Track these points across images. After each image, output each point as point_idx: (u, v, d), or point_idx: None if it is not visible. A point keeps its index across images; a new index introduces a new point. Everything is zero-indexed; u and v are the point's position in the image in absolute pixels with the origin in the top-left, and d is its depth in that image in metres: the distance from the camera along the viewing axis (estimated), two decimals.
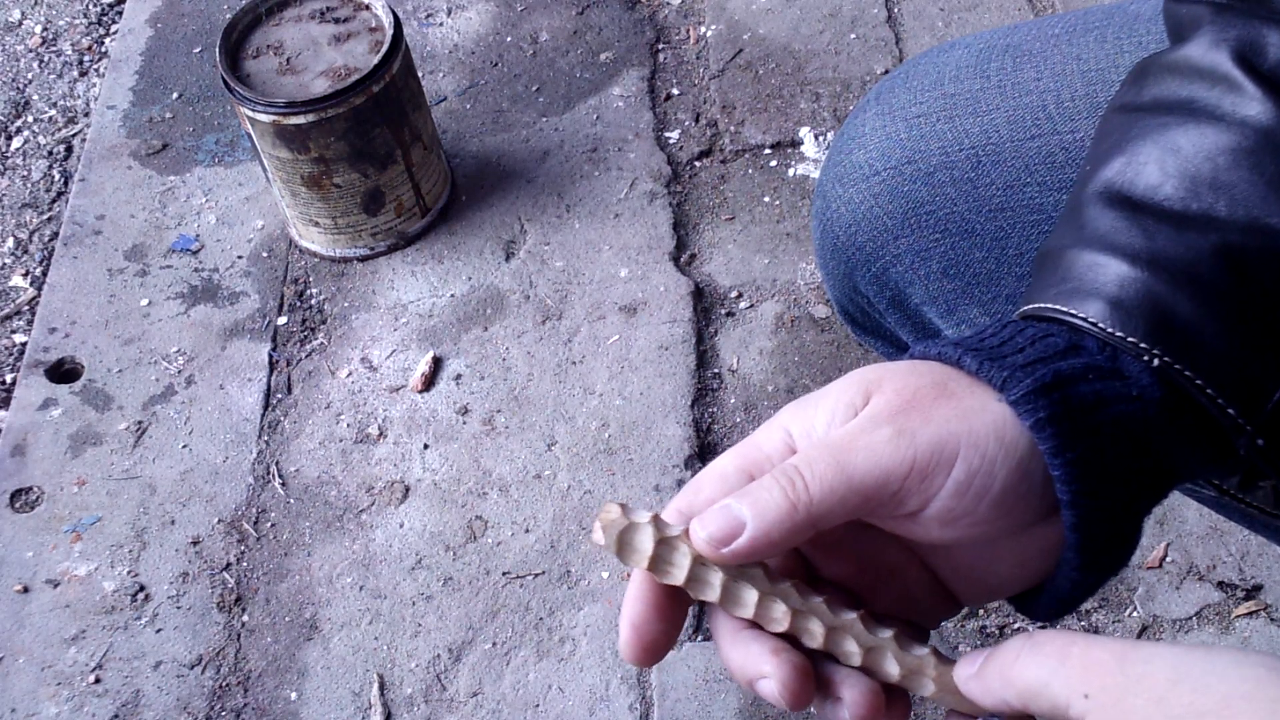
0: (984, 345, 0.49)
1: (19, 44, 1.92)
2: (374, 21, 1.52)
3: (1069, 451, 0.45)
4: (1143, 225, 0.50)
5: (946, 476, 0.46)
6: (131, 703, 1.25)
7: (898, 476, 0.45)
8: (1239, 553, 1.26)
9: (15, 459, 1.43)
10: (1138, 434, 0.47)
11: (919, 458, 0.45)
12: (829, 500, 0.45)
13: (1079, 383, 0.47)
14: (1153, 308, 0.48)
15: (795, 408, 0.49)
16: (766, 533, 0.46)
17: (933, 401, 0.47)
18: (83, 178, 1.70)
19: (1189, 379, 0.48)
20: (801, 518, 0.45)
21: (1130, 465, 0.47)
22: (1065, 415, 0.46)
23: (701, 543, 0.47)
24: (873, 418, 0.46)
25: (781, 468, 0.46)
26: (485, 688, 1.24)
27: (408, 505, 1.36)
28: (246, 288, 1.57)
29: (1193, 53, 0.54)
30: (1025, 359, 0.48)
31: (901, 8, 1.77)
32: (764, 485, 0.46)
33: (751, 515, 0.46)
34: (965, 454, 0.46)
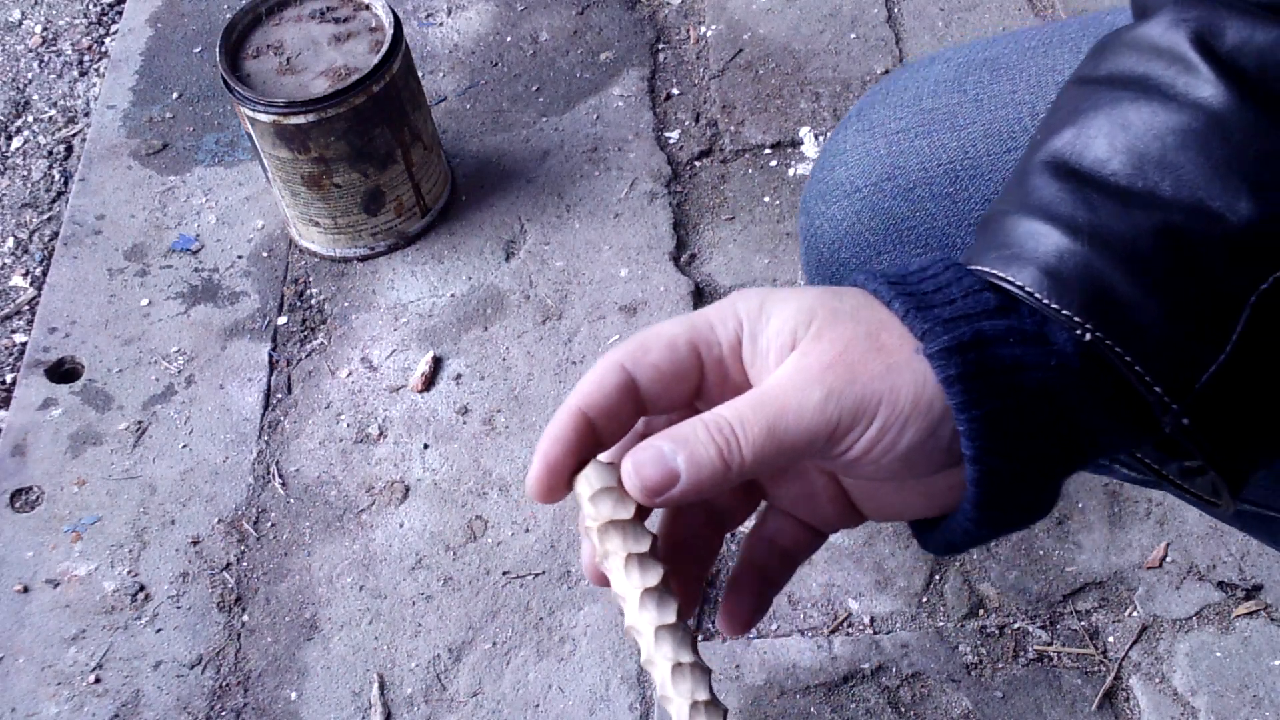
0: (919, 289, 0.50)
1: (19, 44, 1.92)
2: (374, 21, 1.52)
3: (975, 409, 0.47)
4: (1087, 198, 0.51)
5: (862, 433, 0.48)
6: (131, 703, 1.26)
7: (821, 437, 0.48)
8: (1239, 553, 1.26)
9: (15, 459, 1.43)
10: (1053, 401, 0.49)
11: (842, 420, 0.48)
12: (759, 460, 0.48)
13: (998, 344, 0.48)
14: (1089, 281, 0.49)
15: (754, 299, 0.51)
16: (698, 487, 0.48)
17: (862, 356, 0.48)
18: (83, 178, 1.70)
19: (1118, 355, 0.49)
20: (733, 474, 0.48)
21: (1042, 430, 0.49)
22: (977, 374, 0.47)
23: (634, 489, 0.49)
24: (806, 372, 0.48)
25: (717, 420, 0.48)
26: (485, 687, 1.24)
27: (408, 505, 1.36)
28: (246, 288, 1.57)
29: (1152, 31, 0.54)
30: (951, 313, 0.49)
31: (901, 8, 1.77)
32: (700, 438, 0.48)
33: (686, 469, 0.48)
34: (882, 413, 0.48)
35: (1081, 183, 0.52)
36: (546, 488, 0.52)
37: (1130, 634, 1.22)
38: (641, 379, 0.51)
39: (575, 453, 0.51)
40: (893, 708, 1.19)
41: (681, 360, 0.51)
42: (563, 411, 0.51)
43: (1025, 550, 1.28)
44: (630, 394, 0.51)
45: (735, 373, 0.51)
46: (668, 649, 0.50)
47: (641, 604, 0.50)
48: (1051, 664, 1.21)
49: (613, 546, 0.51)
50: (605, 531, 0.51)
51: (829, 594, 1.27)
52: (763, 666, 1.23)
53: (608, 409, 0.51)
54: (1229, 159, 0.50)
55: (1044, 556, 1.27)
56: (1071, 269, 0.49)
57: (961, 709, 1.19)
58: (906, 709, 1.19)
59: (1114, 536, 1.28)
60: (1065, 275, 0.49)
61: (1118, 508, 1.30)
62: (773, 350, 0.50)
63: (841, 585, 1.27)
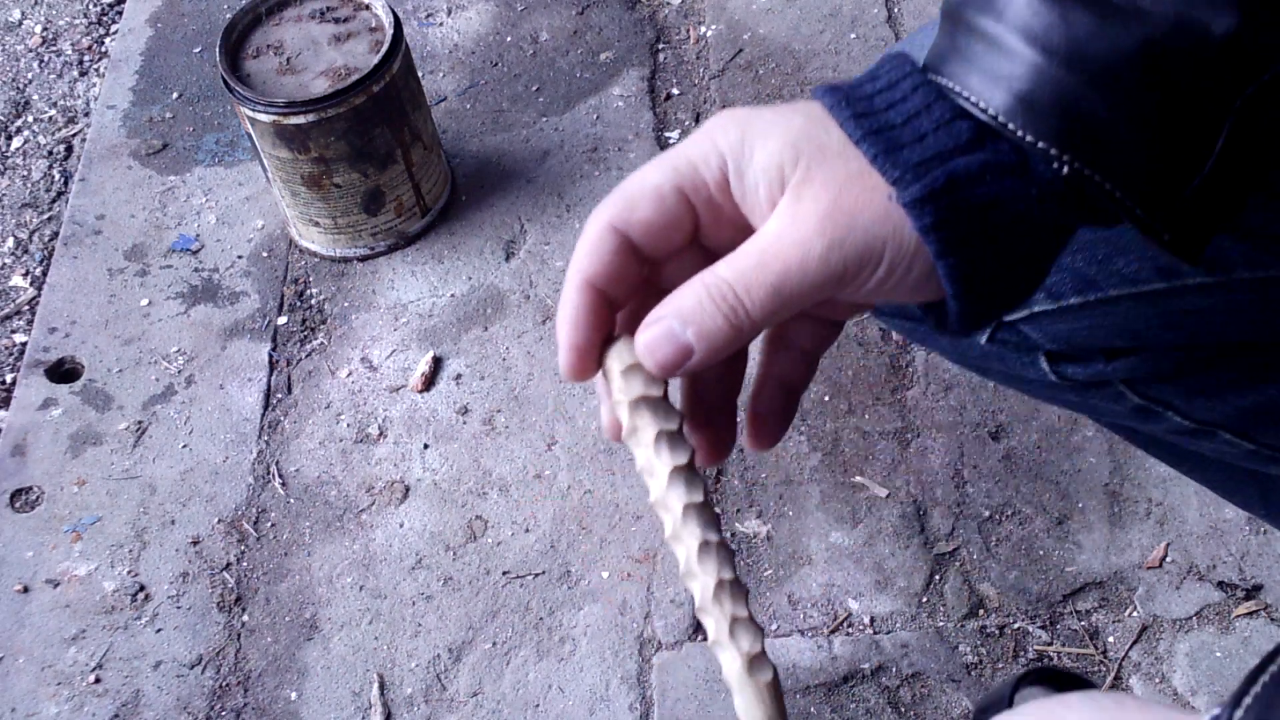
0: (886, 120, 0.49)
1: (19, 44, 1.92)
2: (374, 21, 1.52)
3: (951, 256, 0.47)
4: (1064, 12, 0.48)
5: (870, 276, 0.48)
6: (131, 703, 1.25)
7: (828, 288, 0.48)
8: (1239, 553, 1.26)
9: (15, 459, 1.43)
10: (1034, 230, 0.48)
11: (847, 268, 0.48)
12: (767, 320, 0.49)
13: (975, 184, 0.47)
14: (1066, 108, 0.47)
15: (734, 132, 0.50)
16: (712, 355, 0.49)
17: (858, 198, 0.48)
18: (83, 178, 1.70)
19: (1098, 184, 0.48)
20: (744, 337, 0.49)
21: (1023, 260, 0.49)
22: (952, 220, 0.47)
23: (651, 368, 0.50)
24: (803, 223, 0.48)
25: (721, 289, 0.48)
26: (485, 687, 1.24)
27: (408, 505, 1.36)
28: (246, 288, 1.57)
29: None
30: (922, 154, 0.48)
31: (901, 8, 1.77)
32: (706, 310, 0.48)
33: (698, 342, 0.49)
34: (888, 254, 0.48)
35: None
36: (578, 370, 0.52)
37: (1130, 634, 1.22)
38: (635, 236, 0.50)
39: (596, 327, 0.51)
40: (893, 708, 1.19)
41: (671, 210, 0.50)
42: (570, 289, 0.51)
43: (1025, 550, 1.28)
44: (629, 254, 0.50)
45: (729, 209, 0.51)
46: (695, 527, 0.51)
47: (670, 482, 0.51)
48: (1052, 664, 1.21)
49: (642, 423, 0.52)
50: (636, 407, 0.52)
51: (829, 594, 1.27)
52: None
53: (612, 275, 0.50)
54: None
55: (1044, 556, 1.28)
56: (1047, 95, 0.47)
57: (961, 709, 1.19)
58: (906, 709, 1.19)
59: (1114, 536, 1.28)
60: (1040, 102, 0.47)
61: (1118, 508, 1.30)
62: (761, 187, 0.49)
63: (841, 585, 1.27)
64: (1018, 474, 1.33)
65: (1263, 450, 0.82)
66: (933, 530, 1.30)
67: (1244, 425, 0.79)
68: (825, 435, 1.37)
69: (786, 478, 1.35)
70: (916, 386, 1.40)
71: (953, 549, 1.29)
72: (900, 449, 1.36)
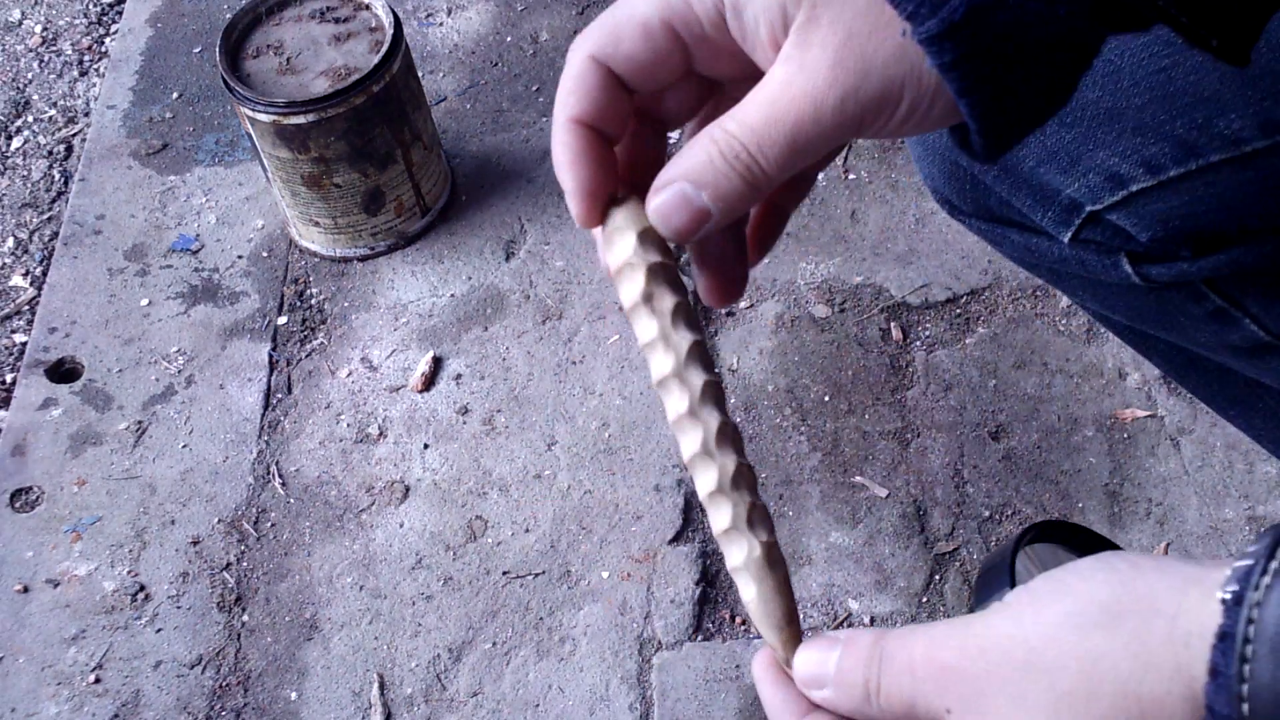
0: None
1: (19, 44, 1.92)
2: (374, 21, 1.52)
3: (974, 94, 0.44)
4: None
5: (890, 116, 0.45)
6: (131, 703, 1.25)
7: (847, 134, 0.46)
8: (1239, 553, 1.25)
9: (15, 459, 1.43)
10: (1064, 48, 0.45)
11: (865, 114, 0.45)
12: (782, 173, 0.46)
13: (996, 9, 0.43)
14: None
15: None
16: (730, 216, 0.47)
17: (870, 35, 0.44)
18: (83, 177, 1.70)
19: None
20: (760, 193, 0.46)
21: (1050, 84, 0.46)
22: (974, 55, 0.43)
23: (668, 234, 0.47)
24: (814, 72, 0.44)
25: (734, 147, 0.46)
26: (485, 687, 1.24)
27: (408, 505, 1.36)
28: (246, 287, 1.57)
29: None
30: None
31: None
32: (720, 170, 0.46)
33: (715, 205, 0.46)
34: (908, 95, 0.45)
35: None
36: (595, 215, 0.49)
37: None
38: (620, 70, 0.47)
39: (599, 164, 0.48)
40: None
41: (659, 46, 0.47)
42: (560, 130, 0.48)
43: None
44: (615, 88, 0.48)
45: (726, 44, 0.47)
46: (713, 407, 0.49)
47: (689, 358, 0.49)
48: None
49: (659, 292, 0.49)
50: (653, 275, 0.50)
51: (829, 594, 1.27)
52: None
53: (600, 111, 0.48)
54: None
55: None
56: None
57: None
58: None
59: (1114, 536, 1.28)
60: None
61: (1118, 508, 1.30)
62: (763, 26, 0.46)
63: (841, 585, 1.27)
64: (1018, 474, 1.33)
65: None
66: (933, 530, 1.30)
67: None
68: (825, 435, 1.37)
69: (786, 478, 1.35)
70: (916, 386, 1.40)
71: (953, 549, 1.29)
72: (900, 449, 1.36)
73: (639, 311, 0.50)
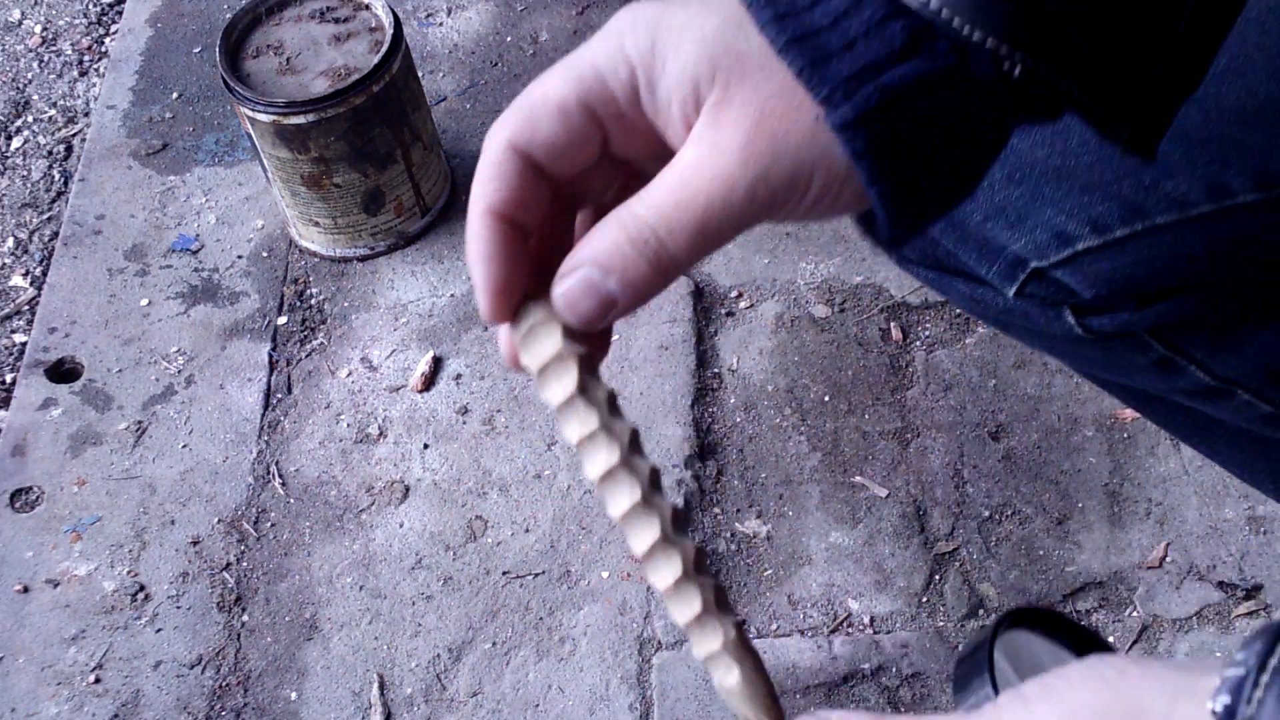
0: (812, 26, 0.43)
1: (19, 44, 1.92)
2: (374, 21, 1.52)
3: (884, 183, 0.43)
4: None
5: (799, 201, 0.45)
6: (131, 703, 1.26)
7: (756, 220, 0.45)
8: (1239, 553, 1.26)
9: (15, 459, 1.43)
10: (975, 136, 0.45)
11: (775, 200, 0.44)
12: (693, 258, 0.45)
13: (911, 99, 0.42)
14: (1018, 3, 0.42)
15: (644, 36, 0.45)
16: (637, 301, 0.46)
17: (782, 119, 0.43)
18: (83, 178, 1.70)
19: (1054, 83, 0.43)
20: (668, 279, 0.45)
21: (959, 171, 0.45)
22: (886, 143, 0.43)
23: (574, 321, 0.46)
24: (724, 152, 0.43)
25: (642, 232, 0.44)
26: (485, 687, 1.24)
27: (408, 505, 1.36)
28: (246, 288, 1.57)
29: None
30: (853, 65, 0.42)
31: None
32: (628, 256, 0.45)
33: (622, 290, 0.45)
34: (818, 180, 0.44)
35: None
36: (503, 311, 0.47)
37: (1130, 634, 1.22)
38: (539, 157, 0.46)
39: (513, 259, 0.47)
40: (893, 708, 1.19)
41: (577, 128, 0.46)
42: (476, 222, 0.47)
43: (1025, 550, 1.28)
44: (534, 175, 0.47)
45: (640, 122, 0.46)
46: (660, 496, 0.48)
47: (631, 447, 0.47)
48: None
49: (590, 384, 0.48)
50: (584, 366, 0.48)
51: (829, 594, 1.27)
52: None
53: (518, 201, 0.47)
54: None
55: (1044, 556, 1.28)
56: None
57: None
58: (907, 709, 1.19)
59: (1114, 536, 1.28)
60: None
61: (1118, 508, 1.30)
62: (675, 104, 0.45)
63: (841, 585, 1.27)
64: (1018, 474, 1.33)
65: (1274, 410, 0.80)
66: (933, 530, 1.30)
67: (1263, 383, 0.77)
68: (825, 435, 1.37)
69: (786, 478, 1.35)
70: (916, 386, 1.40)
71: (953, 549, 1.29)
72: (900, 449, 1.36)
73: (574, 405, 0.48)
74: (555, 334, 0.47)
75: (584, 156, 0.47)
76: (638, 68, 0.45)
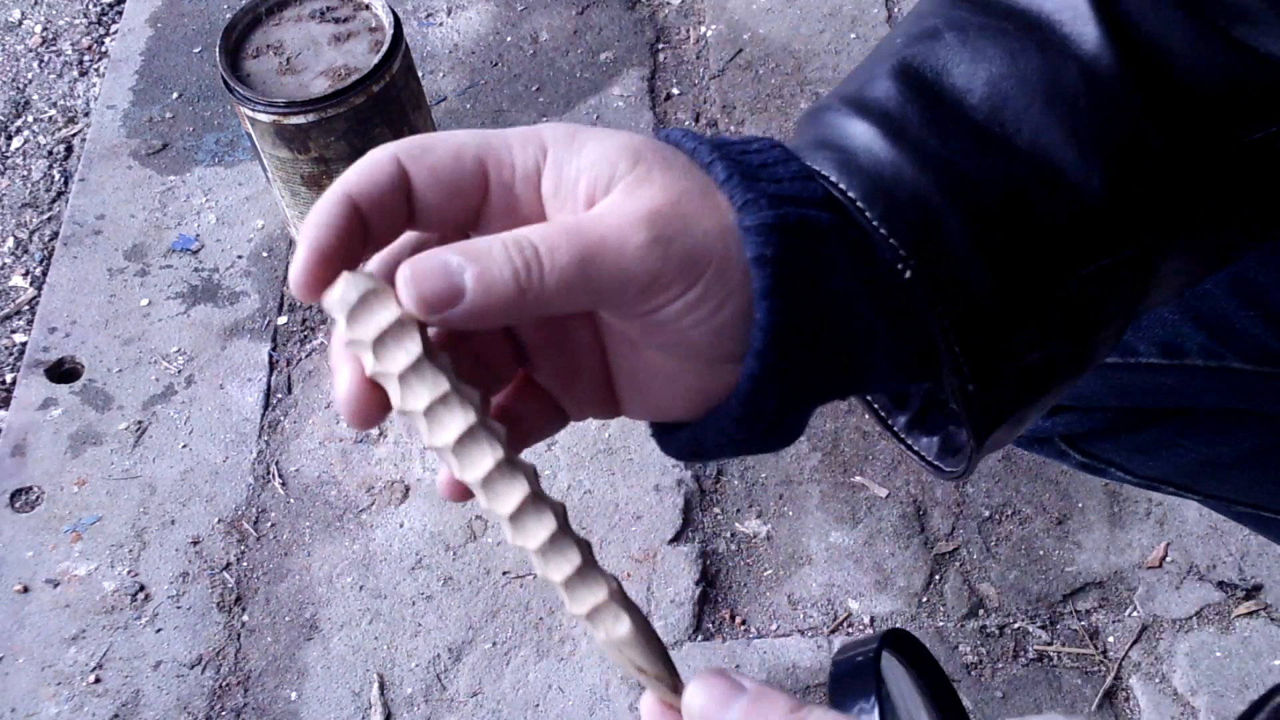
0: (744, 159, 0.45)
1: (19, 44, 1.92)
2: (374, 21, 1.52)
3: (778, 298, 0.43)
4: (941, 125, 0.46)
5: (683, 293, 0.42)
6: (131, 703, 1.26)
7: (638, 285, 0.42)
8: (1239, 553, 1.26)
9: (15, 459, 1.43)
10: (852, 318, 0.45)
11: (665, 271, 0.42)
12: (559, 294, 0.41)
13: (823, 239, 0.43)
14: (924, 216, 0.44)
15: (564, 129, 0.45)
16: (483, 311, 0.41)
17: (698, 209, 0.43)
18: (83, 177, 1.70)
19: (931, 302, 0.45)
20: (528, 304, 0.41)
21: (831, 348, 0.45)
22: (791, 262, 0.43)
23: (409, 300, 0.41)
24: (632, 211, 0.42)
25: (519, 240, 0.41)
26: (485, 687, 1.24)
27: (408, 505, 1.36)
28: (246, 287, 1.57)
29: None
30: (778, 190, 0.44)
31: (901, 8, 1.77)
32: (495, 256, 0.41)
33: (473, 286, 0.41)
34: (710, 275, 0.42)
35: (936, 105, 0.47)
36: (315, 279, 0.43)
37: (1130, 634, 1.22)
38: (417, 180, 0.43)
39: (345, 243, 0.43)
40: None
41: (466, 172, 0.43)
42: (330, 198, 0.43)
43: (1025, 550, 1.28)
44: (403, 191, 0.43)
45: (528, 205, 0.44)
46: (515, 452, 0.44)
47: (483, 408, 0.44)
48: (1051, 664, 1.21)
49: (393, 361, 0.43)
50: (382, 344, 0.43)
51: (829, 594, 1.27)
52: (762, 666, 1.23)
53: (380, 201, 0.43)
54: (1094, 129, 0.46)
55: (1044, 556, 1.27)
56: (909, 198, 0.45)
57: None
58: None
59: (1114, 536, 1.28)
60: (901, 201, 0.44)
61: (1118, 508, 1.30)
62: (583, 182, 0.43)
63: (841, 585, 1.27)
64: (1018, 474, 1.33)
65: (1208, 500, 0.82)
66: (933, 530, 1.30)
67: (1185, 481, 0.80)
68: (825, 435, 1.37)
69: (786, 478, 1.35)
70: None
71: (953, 549, 1.29)
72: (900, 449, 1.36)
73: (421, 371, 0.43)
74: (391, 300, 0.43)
75: (456, 204, 0.44)
76: (550, 147, 0.44)
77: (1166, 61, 0.47)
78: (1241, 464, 0.76)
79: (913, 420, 0.54)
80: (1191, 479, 0.79)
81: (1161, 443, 0.76)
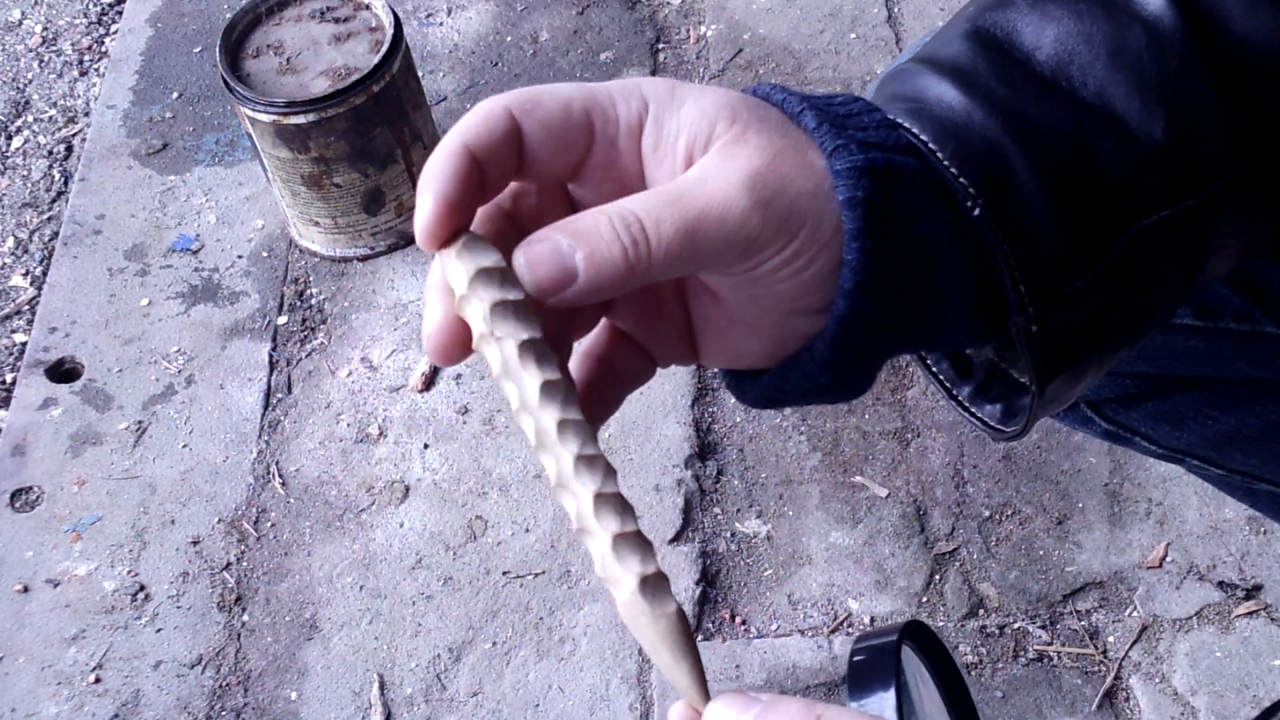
0: (830, 109, 0.47)
1: (19, 44, 1.92)
2: (374, 21, 1.52)
3: (869, 240, 0.44)
4: (1009, 75, 0.49)
5: (779, 251, 0.44)
6: (131, 702, 1.26)
7: (738, 250, 0.44)
8: (1239, 553, 1.26)
9: (15, 459, 1.43)
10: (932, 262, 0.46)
11: (765, 233, 0.44)
12: (666, 266, 0.43)
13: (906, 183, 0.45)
14: (992, 157, 0.47)
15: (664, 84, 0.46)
16: (595, 290, 0.43)
17: (793, 169, 0.44)
18: (83, 177, 1.70)
19: (999, 241, 0.46)
20: (637, 278, 0.43)
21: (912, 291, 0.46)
22: (882, 203, 0.44)
23: (527, 284, 0.43)
24: (732, 173, 0.44)
25: (624, 216, 0.43)
26: (485, 687, 1.24)
27: (408, 505, 1.36)
28: (246, 287, 1.57)
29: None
30: (865, 137, 0.46)
31: (901, 8, 1.77)
32: (604, 235, 0.42)
33: (585, 268, 0.42)
34: (804, 234, 0.44)
35: (1005, 60, 0.49)
36: (446, 230, 0.44)
37: (1130, 634, 1.22)
38: (527, 132, 0.44)
39: (468, 193, 0.44)
40: None
41: (573, 125, 0.45)
42: (449, 149, 0.44)
43: (1025, 550, 1.28)
44: (515, 143, 0.44)
45: (628, 159, 0.46)
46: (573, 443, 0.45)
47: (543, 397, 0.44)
48: (1051, 664, 1.21)
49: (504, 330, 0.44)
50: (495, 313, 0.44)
51: (829, 594, 1.27)
52: (763, 666, 1.23)
53: (495, 153, 0.44)
54: (1157, 82, 0.48)
55: (1044, 556, 1.28)
56: (979, 140, 0.47)
57: None
58: None
59: (1114, 536, 1.28)
60: (971, 143, 0.47)
61: (1118, 508, 1.30)
62: (683, 139, 0.45)
63: (841, 585, 1.27)
64: (1018, 474, 1.33)
65: (1231, 475, 0.82)
66: (933, 530, 1.30)
67: (1210, 451, 0.80)
68: (825, 435, 1.37)
69: (786, 478, 1.35)
70: (916, 386, 1.40)
71: (953, 549, 1.29)
72: (900, 449, 1.36)
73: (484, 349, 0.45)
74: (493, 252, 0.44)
75: (562, 158, 0.45)
76: (650, 102, 0.45)
77: (1224, 25, 0.49)
78: (1266, 436, 0.76)
79: (976, 390, 0.56)
80: (1216, 451, 0.79)
81: (1188, 412, 0.76)
